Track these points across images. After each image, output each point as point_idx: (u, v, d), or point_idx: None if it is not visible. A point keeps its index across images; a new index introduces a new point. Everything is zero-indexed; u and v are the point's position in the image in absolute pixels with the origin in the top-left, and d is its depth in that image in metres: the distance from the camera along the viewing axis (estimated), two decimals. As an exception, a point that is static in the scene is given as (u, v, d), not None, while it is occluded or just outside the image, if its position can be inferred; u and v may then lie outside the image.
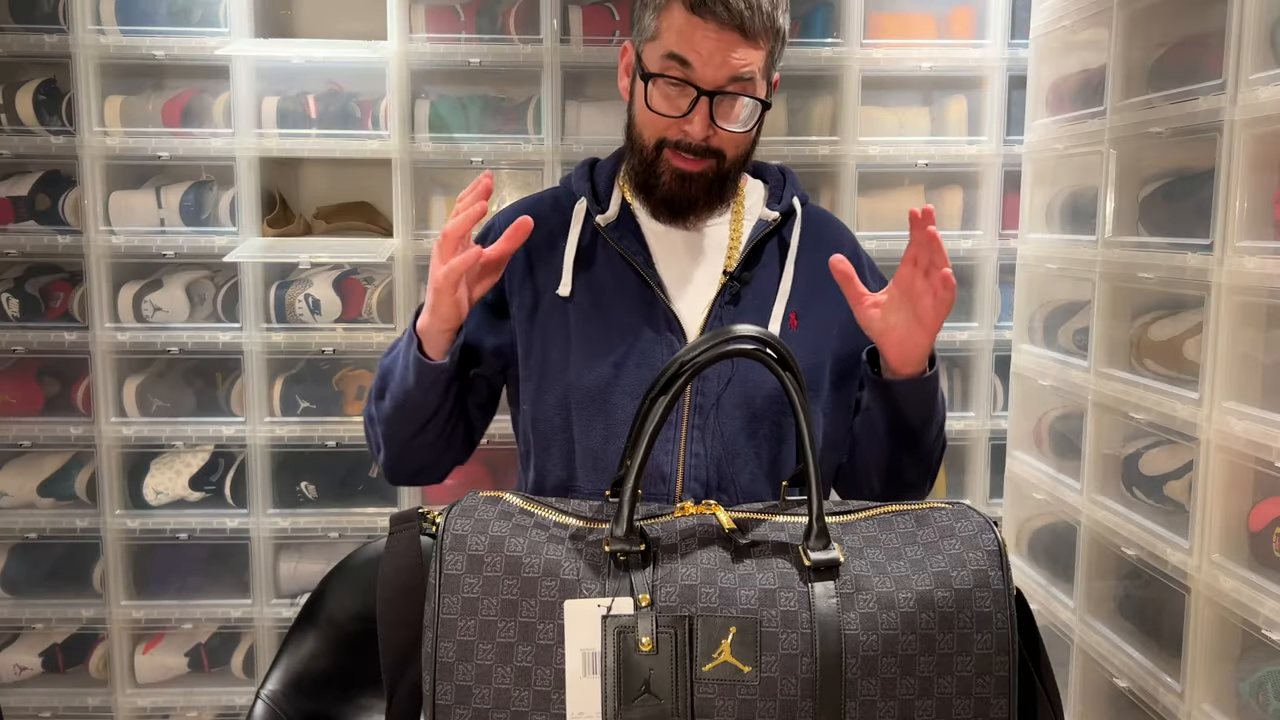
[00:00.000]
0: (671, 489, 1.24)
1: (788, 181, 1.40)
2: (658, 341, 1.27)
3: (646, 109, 1.25)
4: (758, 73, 1.24)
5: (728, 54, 1.20)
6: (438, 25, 2.25)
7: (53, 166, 2.32)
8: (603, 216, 1.33)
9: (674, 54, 1.22)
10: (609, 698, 0.92)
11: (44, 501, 2.34)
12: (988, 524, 1.01)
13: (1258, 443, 1.42)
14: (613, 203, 1.35)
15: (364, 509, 2.33)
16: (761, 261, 1.33)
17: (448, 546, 0.98)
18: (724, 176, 1.29)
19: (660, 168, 1.28)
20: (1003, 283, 2.31)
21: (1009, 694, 0.96)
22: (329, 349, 2.29)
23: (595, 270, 1.32)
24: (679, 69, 1.22)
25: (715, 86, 1.21)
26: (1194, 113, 1.56)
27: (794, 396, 1.00)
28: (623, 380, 1.26)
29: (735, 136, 1.26)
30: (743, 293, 1.31)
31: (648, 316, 1.29)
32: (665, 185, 1.28)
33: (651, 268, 1.30)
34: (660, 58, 1.23)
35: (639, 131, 1.29)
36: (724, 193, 1.32)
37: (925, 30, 2.27)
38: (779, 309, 1.29)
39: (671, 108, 1.24)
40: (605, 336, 1.28)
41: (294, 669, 1.25)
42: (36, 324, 2.29)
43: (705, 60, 1.20)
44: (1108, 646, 1.80)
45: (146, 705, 2.35)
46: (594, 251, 1.33)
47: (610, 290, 1.31)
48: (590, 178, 1.39)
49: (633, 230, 1.33)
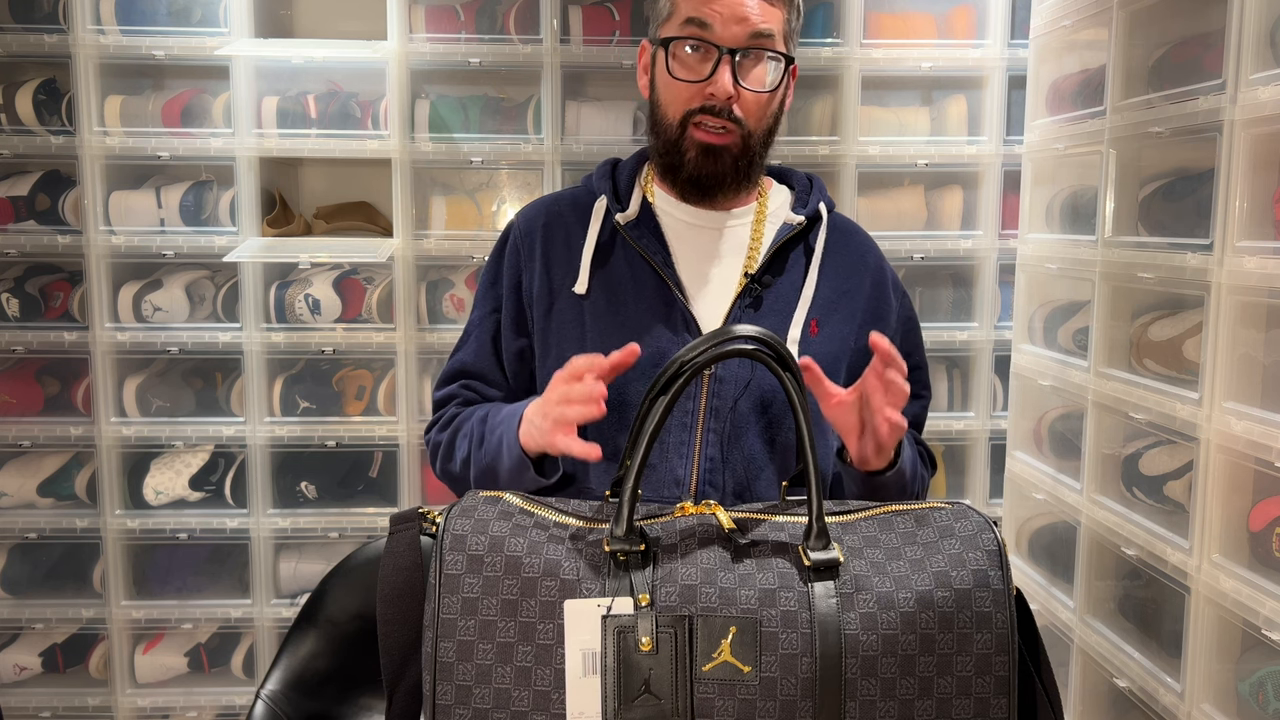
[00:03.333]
0: (685, 493, 1.23)
1: (814, 187, 1.39)
2: (675, 342, 1.26)
3: (670, 80, 1.26)
4: (777, 32, 1.24)
5: (746, 11, 1.21)
6: (437, 25, 2.25)
7: (53, 166, 2.33)
8: (622, 215, 1.32)
9: (692, 18, 1.23)
10: (609, 697, 0.92)
11: (44, 501, 2.34)
12: (987, 524, 1.01)
13: (1258, 443, 1.42)
14: (633, 201, 1.34)
15: (364, 509, 2.33)
16: (785, 267, 1.32)
17: (448, 546, 0.98)
18: (750, 153, 1.29)
19: (685, 144, 1.28)
20: (1003, 283, 2.31)
21: (1009, 694, 0.96)
22: (329, 349, 2.29)
23: (613, 269, 1.32)
24: (698, 31, 1.23)
25: (736, 44, 1.22)
26: (1194, 113, 1.56)
27: (793, 396, 1.00)
28: (638, 380, 1.25)
29: (760, 101, 1.26)
30: (764, 296, 1.30)
31: (665, 316, 1.28)
32: (691, 162, 1.28)
33: (671, 268, 1.30)
34: (679, 25, 1.24)
35: (663, 112, 1.29)
36: (750, 172, 1.31)
37: (925, 30, 2.27)
38: (800, 315, 1.28)
39: (694, 73, 1.24)
40: (622, 335, 1.27)
41: (294, 669, 1.25)
42: (36, 324, 2.29)
43: (724, 19, 1.21)
44: (1108, 646, 1.80)
45: (146, 705, 2.35)
46: (612, 250, 1.33)
47: (628, 289, 1.30)
48: (612, 176, 1.38)
49: (653, 229, 1.32)
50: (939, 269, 2.35)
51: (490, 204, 2.37)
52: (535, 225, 1.37)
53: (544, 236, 1.35)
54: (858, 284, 1.35)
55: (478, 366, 1.36)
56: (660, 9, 1.28)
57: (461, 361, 1.37)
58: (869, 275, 1.36)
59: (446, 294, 2.33)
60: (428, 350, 2.30)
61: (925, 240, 2.30)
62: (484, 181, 2.40)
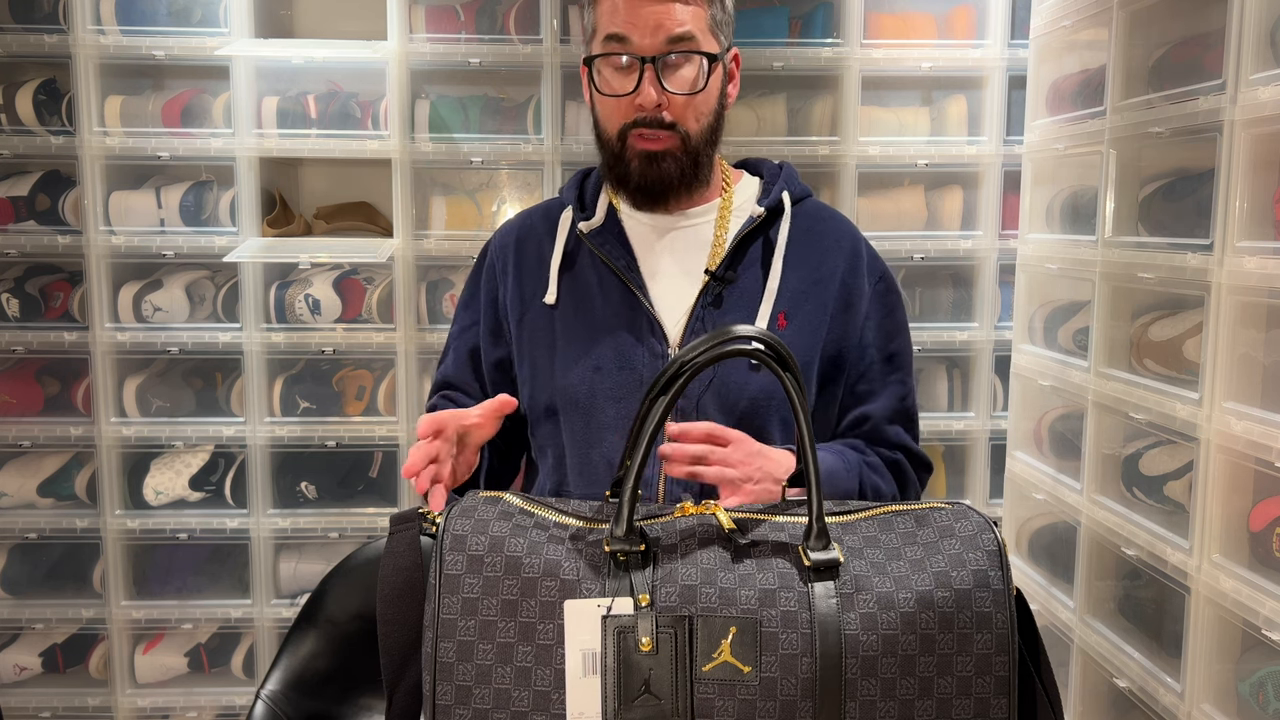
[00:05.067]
0: (654, 491, 1.25)
1: (782, 176, 1.38)
2: (639, 345, 1.28)
3: (602, 97, 1.28)
4: (697, 32, 1.25)
5: (660, 18, 1.22)
6: (437, 25, 2.25)
7: (53, 166, 2.33)
8: (586, 223, 1.34)
9: (611, 34, 1.25)
10: (609, 698, 0.92)
11: (44, 501, 2.34)
12: (988, 524, 1.01)
13: (1258, 443, 1.42)
14: (600, 208, 1.36)
15: (364, 509, 2.33)
16: (747, 260, 1.32)
17: (448, 546, 0.98)
18: (694, 153, 1.29)
19: (627, 155, 1.29)
20: (1003, 283, 2.31)
21: (1009, 694, 0.96)
22: (329, 349, 2.29)
23: (580, 276, 1.33)
24: (618, 45, 1.24)
25: (655, 52, 1.23)
26: (1194, 113, 1.56)
27: (794, 397, 1.00)
28: (605, 384, 1.27)
29: (692, 102, 1.26)
30: (725, 293, 1.29)
31: (630, 320, 1.29)
32: (635, 171, 1.29)
33: (634, 271, 1.31)
34: (600, 43, 1.26)
35: (602, 128, 1.31)
36: (699, 171, 1.31)
37: (925, 30, 2.27)
38: (765, 309, 1.28)
39: (620, 86, 1.26)
40: (588, 341, 1.29)
41: (294, 669, 1.25)
42: (36, 324, 2.29)
43: (640, 29, 1.23)
44: (1108, 646, 1.80)
45: (146, 705, 2.35)
46: (579, 259, 1.35)
47: (594, 295, 1.32)
48: (581, 185, 1.40)
49: (616, 235, 1.33)
50: (939, 269, 2.35)
51: (490, 204, 2.37)
52: (509, 240, 1.40)
53: (516, 250, 1.39)
54: (829, 272, 1.33)
55: (458, 378, 1.41)
56: (587, 27, 1.31)
57: (444, 373, 1.43)
58: (843, 260, 1.34)
59: (446, 294, 2.33)
60: (428, 350, 2.30)
61: (925, 240, 2.30)
62: (484, 181, 2.40)
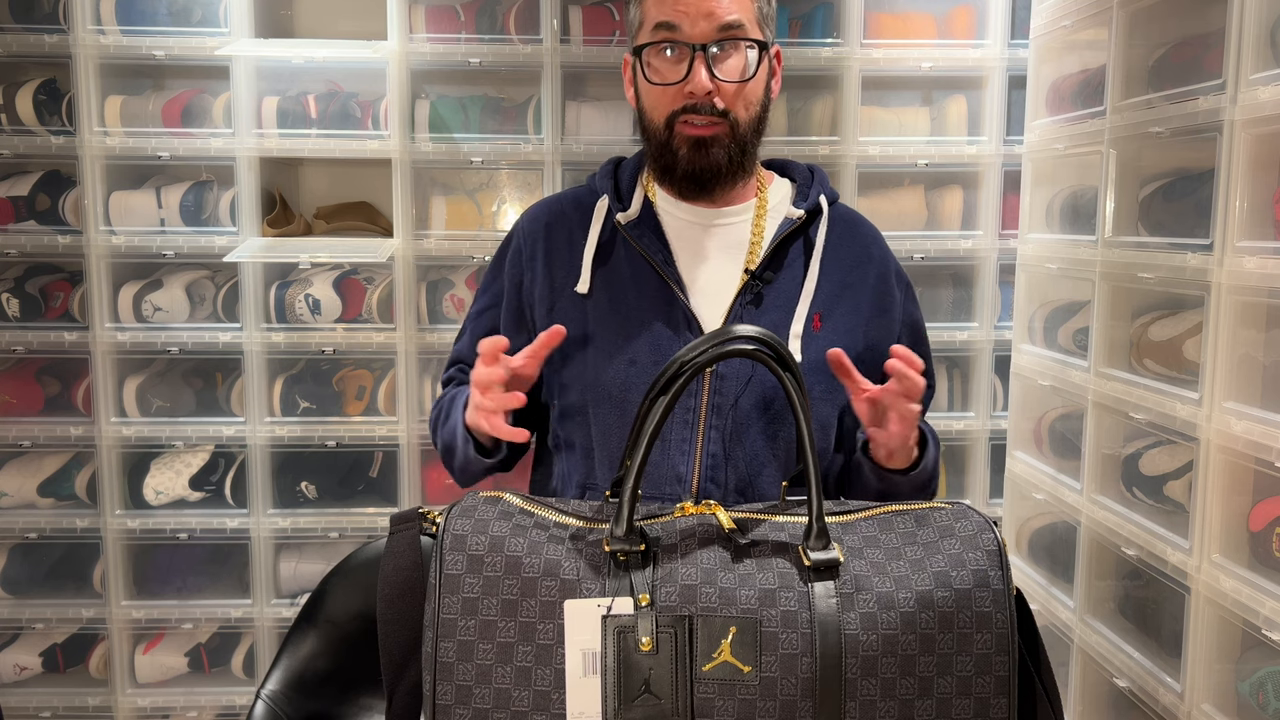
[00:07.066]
0: (687, 490, 1.24)
1: (815, 179, 1.39)
2: (676, 340, 1.27)
3: (650, 86, 1.27)
4: (746, 21, 1.25)
5: (710, 6, 1.23)
6: (437, 25, 2.24)
7: (53, 166, 2.33)
8: (624, 214, 1.33)
9: (660, 22, 1.24)
10: (609, 697, 0.92)
11: (44, 501, 2.34)
12: (987, 524, 1.01)
13: (1258, 443, 1.42)
14: (635, 200, 1.35)
15: (364, 509, 2.33)
16: (786, 261, 1.32)
17: (448, 546, 0.98)
18: (741, 142, 1.29)
19: (675, 143, 1.28)
20: (1003, 283, 2.31)
21: (1009, 694, 0.96)
22: (329, 349, 2.29)
23: (614, 268, 1.32)
24: (668, 34, 1.24)
25: (706, 39, 1.23)
26: (1194, 113, 1.56)
27: (793, 396, 1.00)
28: (640, 379, 1.26)
29: (742, 90, 1.26)
30: (765, 293, 1.30)
31: (666, 315, 1.28)
32: (683, 158, 1.29)
33: (671, 266, 1.30)
34: (649, 32, 1.26)
35: (650, 118, 1.30)
36: (745, 161, 1.31)
37: (925, 30, 2.27)
38: (802, 310, 1.28)
39: (671, 74, 1.26)
40: (623, 335, 1.28)
41: (294, 669, 1.25)
42: (36, 324, 2.29)
43: (691, 17, 1.23)
44: (1108, 646, 1.80)
45: (146, 705, 2.35)
46: (614, 249, 1.33)
47: (629, 289, 1.31)
48: (614, 175, 1.39)
49: (653, 228, 1.33)
50: (939, 269, 2.35)
51: (490, 204, 2.37)
52: (538, 226, 1.38)
53: (546, 236, 1.37)
54: (861, 276, 1.34)
55: (472, 356, 1.39)
56: (633, 21, 1.31)
57: (459, 351, 1.44)
58: (873, 267, 1.36)
59: (447, 294, 2.33)
60: (428, 350, 2.30)
61: (925, 240, 2.30)
62: (484, 181, 2.40)
